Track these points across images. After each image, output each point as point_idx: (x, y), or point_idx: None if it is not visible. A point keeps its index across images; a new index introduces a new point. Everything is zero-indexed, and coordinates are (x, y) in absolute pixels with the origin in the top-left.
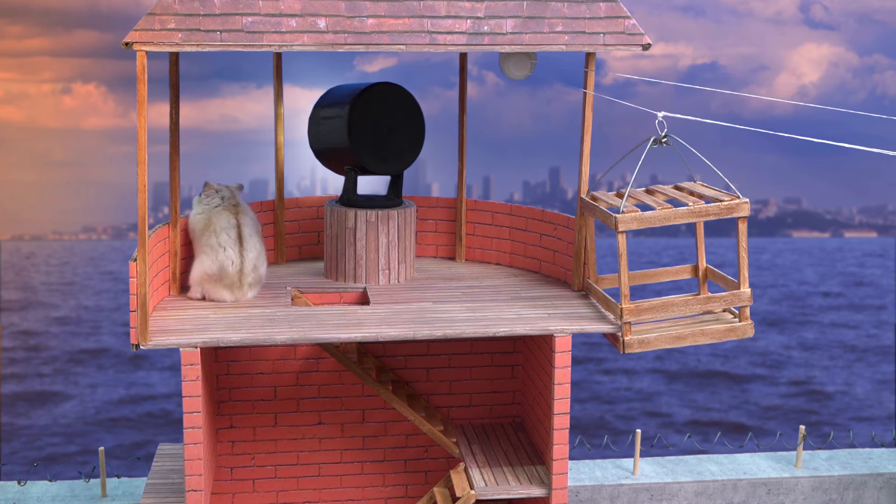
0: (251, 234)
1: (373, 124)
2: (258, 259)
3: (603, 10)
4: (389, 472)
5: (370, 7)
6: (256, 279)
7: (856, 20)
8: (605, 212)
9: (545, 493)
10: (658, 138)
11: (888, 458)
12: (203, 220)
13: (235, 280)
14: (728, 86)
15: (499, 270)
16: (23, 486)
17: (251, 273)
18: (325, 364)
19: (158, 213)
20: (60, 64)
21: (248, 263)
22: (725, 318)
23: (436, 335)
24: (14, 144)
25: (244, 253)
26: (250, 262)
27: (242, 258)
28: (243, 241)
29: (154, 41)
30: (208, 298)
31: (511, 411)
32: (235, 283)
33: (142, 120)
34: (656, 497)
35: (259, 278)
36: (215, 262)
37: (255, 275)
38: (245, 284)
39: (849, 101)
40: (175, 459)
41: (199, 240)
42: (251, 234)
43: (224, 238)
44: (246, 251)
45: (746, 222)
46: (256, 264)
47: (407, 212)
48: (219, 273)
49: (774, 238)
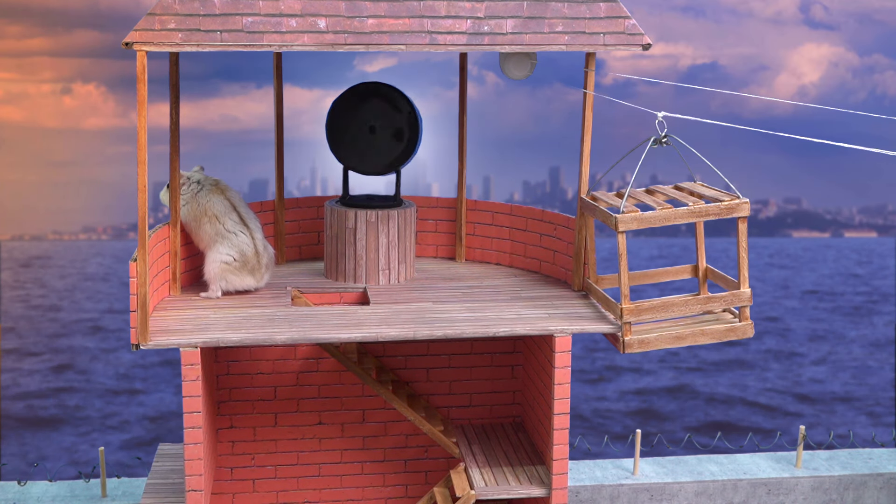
0: (247, 211)
1: (351, 124)
2: (264, 237)
3: (603, 10)
4: (389, 472)
5: (370, 7)
6: (269, 259)
7: (856, 20)
8: (605, 212)
9: (545, 493)
10: (658, 138)
11: (888, 458)
12: (192, 209)
13: (255, 263)
14: (728, 86)
15: (499, 270)
16: (23, 486)
17: (264, 252)
18: (325, 364)
19: (158, 213)
20: (60, 64)
21: (258, 243)
22: (725, 318)
23: (436, 335)
24: (14, 144)
25: (252, 233)
26: (260, 241)
27: (253, 238)
28: (246, 221)
29: (154, 41)
30: (232, 289)
31: (511, 411)
32: (256, 265)
33: (142, 120)
34: (656, 497)
35: (271, 257)
36: (234, 249)
37: (267, 254)
38: (262, 266)
39: (849, 101)
40: (175, 459)
41: (199, 231)
42: (247, 211)
43: (230, 223)
44: (253, 231)
45: (746, 222)
46: (265, 243)
47: (407, 212)
48: (241, 259)
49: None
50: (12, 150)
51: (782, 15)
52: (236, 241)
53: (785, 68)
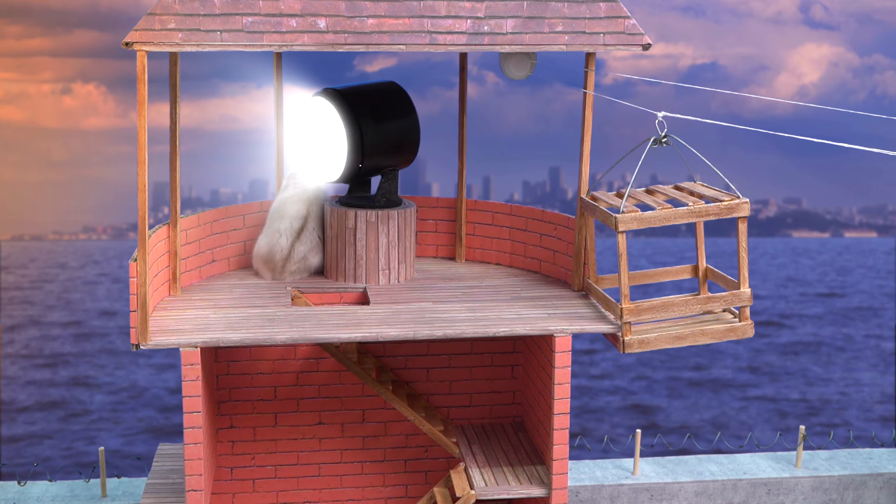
0: (314, 227)
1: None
2: (311, 251)
3: (603, 10)
4: (389, 472)
5: (370, 7)
6: (304, 268)
7: (856, 20)
8: (605, 212)
9: (545, 493)
10: (658, 138)
11: (888, 458)
12: (278, 202)
13: (279, 266)
14: (728, 86)
15: (499, 270)
16: (23, 486)
17: (298, 262)
18: (325, 364)
19: (158, 213)
20: (60, 64)
21: (296, 254)
22: (725, 318)
23: (436, 335)
24: (14, 144)
25: (296, 245)
26: (300, 253)
27: (293, 249)
28: (302, 234)
29: (154, 41)
30: (256, 270)
31: (511, 411)
32: (278, 268)
33: (142, 120)
34: (656, 497)
35: (307, 267)
36: (266, 246)
37: (302, 264)
38: (287, 271)
39: (849, 101)
40: (175, 459)
41: (269, 218)
42: (314, 227)
43: (286, 226)
44: (299, 243)
45: (746, 222)
46: (307, 255)
47: (407, 212)
48: (267, 255)
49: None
50: (12, 150)
51: (782, 15)
52: (274, 241)
53: (785, 68)
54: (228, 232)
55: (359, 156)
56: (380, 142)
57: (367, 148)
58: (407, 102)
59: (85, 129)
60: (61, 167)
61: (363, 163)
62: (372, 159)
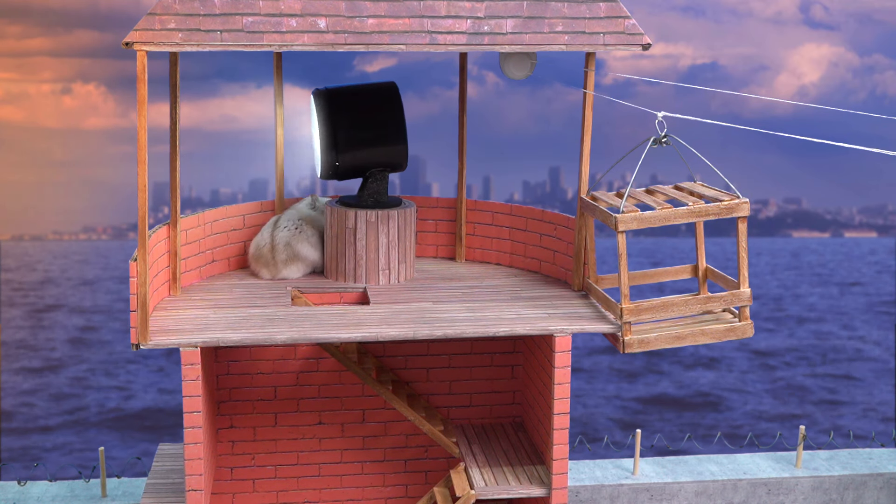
0: (298, 220)
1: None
2: (293, 238)
3: (603, 10)
4: (389, 472)
5: (370, 7)
6: (291, 255)
7: (856, 20)
8: (605, 212)
9: (545, 493)
10: (658, 138)
11: (888, 458)
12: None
13: (269, 258)
14: (728, 86)
15: (499, 270)
16: (23, 486)
17: (283, 250)
18: (325, 364)
19: (158, 213)
20: (60, 64)
21: (278, 241)
22: (725, 318)
23: (436, 335)
24: (14, 144)
25: (275, 232)
26: (281, 239)
27: (273, 238)
28: (279, 223)
29: (154, 41)
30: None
31: (511, 411)
32: (270, 261)
33: (142, 120)
34: (656, 497)
35: (294, 255)
36: (252, 244)
37: (287, 251)
38: (279, 262)
39: (849, 101)
40: (175, 459)
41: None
42: (298, 220)
43: (267, 224)
44: (277, 230)
45: (746, 222)
46: (290, 242)
47: (407, 212)
48: (255, 252)
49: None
50: (12, 150)
51: (782, 15)
52: (258, 236)
53: (785, 68)
54: (228, 232)
55: (333, 154)
56: (356, 141)
57: (340, 146)
58: (395, 104)
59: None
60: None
61: (339, 161)
62: (348, 158)
